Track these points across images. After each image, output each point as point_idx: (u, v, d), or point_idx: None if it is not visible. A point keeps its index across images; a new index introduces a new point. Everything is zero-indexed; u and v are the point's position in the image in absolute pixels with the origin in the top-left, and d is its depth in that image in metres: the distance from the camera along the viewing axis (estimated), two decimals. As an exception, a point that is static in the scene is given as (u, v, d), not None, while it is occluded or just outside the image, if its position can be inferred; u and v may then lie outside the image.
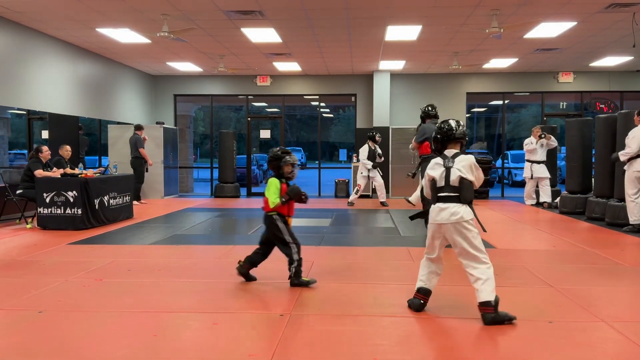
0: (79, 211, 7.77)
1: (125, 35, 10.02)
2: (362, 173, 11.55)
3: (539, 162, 11.16)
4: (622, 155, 7.72)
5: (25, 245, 6.61)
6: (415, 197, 8.20)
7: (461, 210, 3.56)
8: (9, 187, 8.45)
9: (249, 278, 4.72)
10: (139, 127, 11.91)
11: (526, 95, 15.42)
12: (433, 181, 3.71)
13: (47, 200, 7.80)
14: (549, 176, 11.15)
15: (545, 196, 11.07)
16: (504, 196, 14.16)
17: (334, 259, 5.81)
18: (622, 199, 8.05)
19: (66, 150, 9.28)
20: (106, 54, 11.98)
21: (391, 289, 4.55)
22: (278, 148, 4.75)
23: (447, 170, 3.64)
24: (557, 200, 10.69)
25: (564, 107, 15.93)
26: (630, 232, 7.54)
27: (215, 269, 5.36)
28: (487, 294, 3.53)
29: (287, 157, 4.63)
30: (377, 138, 11.51)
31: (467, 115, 14.93)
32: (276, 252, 4.68)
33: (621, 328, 3.50)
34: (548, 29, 9.54)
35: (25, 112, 10.17)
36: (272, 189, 4.54)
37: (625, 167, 7.75)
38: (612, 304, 4.15)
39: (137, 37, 10.05)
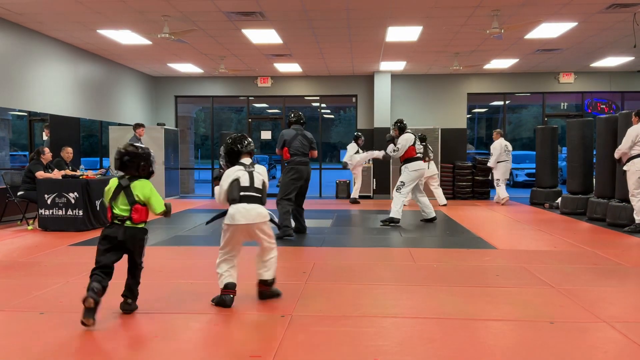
0: (80, 212, 7.78)
1: (126, 37, 10.03)
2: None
3: (500, 162, 12.03)
4: (616, 153, 7.84)
5: (26, 247, 6.62)
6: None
7: (264, 211, 4.02)
8: (10, 188, 8.46)
9: None
10: (135, 126, 11.56)
11: (527, 96, 15.42)
12: (237, 182, 3.97)
13: (49, 201, 7.80)
14: (505, 177, 12.10)
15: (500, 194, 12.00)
16: (505, 197, 14.14)
17: (335, 260, 5.81)
18: (623, 200, 8.05)
19: (67, 152, 9.27)
20: (107, 55, 11.99)
21: (392, 289, 4.55)
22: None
23: (250, 174, 4.03)
24: (558, 201, 10.71)
25: (565, 107, 15.93)
26: (631, 233, 7.53)
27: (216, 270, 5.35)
28: (272, 272, 4.09)
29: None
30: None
31: (468, 116, 14.92)
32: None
33: (623, 329, 3.50)
34: (549, 30, 9.54)
35: (26, 114, 10.18)
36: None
37: (626, 167, 7.75)
38: (613, 305, 4.14)
39: (138, 38, 10.06)
